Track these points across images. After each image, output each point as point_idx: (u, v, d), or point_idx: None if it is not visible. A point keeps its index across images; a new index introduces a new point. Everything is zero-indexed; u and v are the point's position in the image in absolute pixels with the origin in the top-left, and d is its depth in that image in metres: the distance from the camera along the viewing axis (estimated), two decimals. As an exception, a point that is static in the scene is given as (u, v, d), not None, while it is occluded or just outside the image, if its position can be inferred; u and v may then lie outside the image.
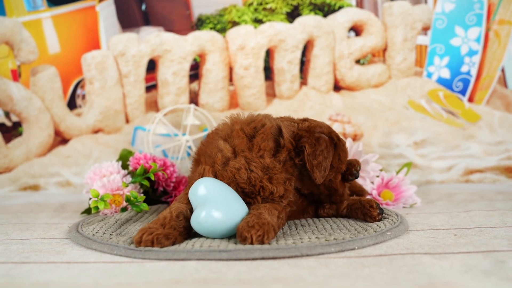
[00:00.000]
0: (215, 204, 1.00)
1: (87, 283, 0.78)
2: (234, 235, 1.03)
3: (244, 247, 0.92)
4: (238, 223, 1.00)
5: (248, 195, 1.10)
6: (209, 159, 1.13)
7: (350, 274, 0.79)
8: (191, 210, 1.05)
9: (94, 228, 1.14)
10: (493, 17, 2.05)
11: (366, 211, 1.18)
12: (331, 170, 1.19)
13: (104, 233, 1.10)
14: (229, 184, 1.09)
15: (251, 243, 0.93)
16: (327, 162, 1.14)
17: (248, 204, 1.09)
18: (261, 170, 1.09)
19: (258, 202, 1.09)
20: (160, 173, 1.51)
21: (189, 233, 1.04)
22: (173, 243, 0.97)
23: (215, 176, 1.10)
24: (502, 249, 0.93)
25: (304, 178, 1.20)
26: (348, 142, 1.53)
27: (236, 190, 1.09)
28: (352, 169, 1.26)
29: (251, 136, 1.12)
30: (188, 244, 0.96)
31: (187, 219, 1.04)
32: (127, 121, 2.12)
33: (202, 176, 1.11)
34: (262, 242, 0.93)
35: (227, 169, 1.09)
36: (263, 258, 0.90)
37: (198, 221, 0.99)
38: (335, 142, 1.19)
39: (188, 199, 1.08)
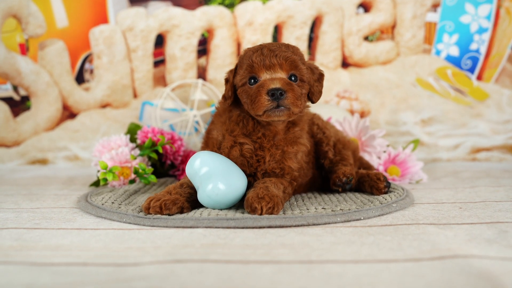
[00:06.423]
0: (218, 176, 1.01)
1: (97, 247, 0.80)
2: (239, 204, 1.06)
3: (252, 215, 0.93)
4: (241, 192, 1.02)
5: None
6: None
7: (355, 241, 0.81)
8: None
9: (103, 198, 1.15)
10: (504, -7, 2.03)
11: (373, 183, 1.18)
12: None
13: (113, 202, 1.11)
14: None
15: (261, 214, 0.94)
16: None
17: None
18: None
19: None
20: (168, 146, 1.52)
21: (195, 202, 1.06)
22: (181, 209, 0.99)
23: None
24: (506, 221, 0.94)
25: None
26: (355, 118, 1.53)
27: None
28: (341, 177, 1.22)
29: None
30: (196, 213, 0.97)
31: (191, 187, 1.07)
32: (135, 96, 2.13)
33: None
34: (271, 214, 0.95)
35: None
36: (270, 227, 0.91)
37: (206, 194, 1.00)
38: None
39: None
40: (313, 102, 1.15)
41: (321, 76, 1.16)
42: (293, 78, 1.06)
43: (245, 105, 1.08)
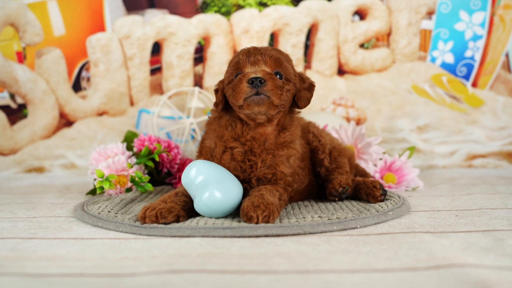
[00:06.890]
0: (214, 184, 1.01)
1: (94, 257, 0.80)
2: (235, 212, 1.06)
3: (248, 224, 0.93)
4: (237, 200, 1.03)
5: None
6: None
7: (352, 250, 0.81)
8: None
9: (99, 207, 1.15)
10: (498, 1, 2.04)
11: (369, 191, 1.19)
12: None
13: (109, 211, 1.11)
14: None
15: (257, 223, 0.94)
16: None
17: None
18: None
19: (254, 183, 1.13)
20: (164, 154, 1.52)
21: (191, 210, 1.06)
22: (177, 217, 0.99)
23: None
24: (502, 229, 0.94)
25: None
26: (351, 125, 1.53)
27: None
28: (337, 187, 1.23)
29: None
30: (192, 222, 0.97)
31: (186, 196, 1.07)
32: (132, 103, 2.13)
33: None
34: (267, 222, 0.95)
35: None
36: (266, 236, 0.91)
37: (203, 202, 1.00)
38: None
39: None
40: (299, 108, 1.16)
41: (311, 86, 1.17)
42: (278, 76, 1.07)
43: (229, 99, 1.10)
